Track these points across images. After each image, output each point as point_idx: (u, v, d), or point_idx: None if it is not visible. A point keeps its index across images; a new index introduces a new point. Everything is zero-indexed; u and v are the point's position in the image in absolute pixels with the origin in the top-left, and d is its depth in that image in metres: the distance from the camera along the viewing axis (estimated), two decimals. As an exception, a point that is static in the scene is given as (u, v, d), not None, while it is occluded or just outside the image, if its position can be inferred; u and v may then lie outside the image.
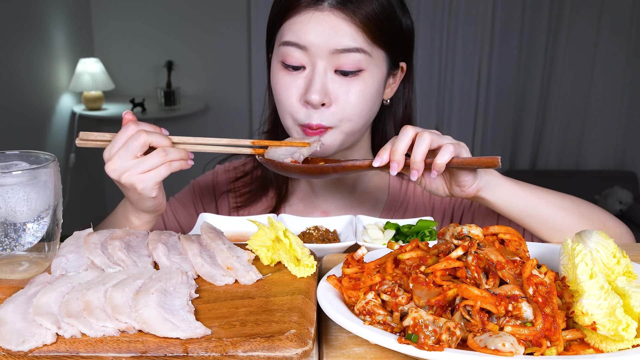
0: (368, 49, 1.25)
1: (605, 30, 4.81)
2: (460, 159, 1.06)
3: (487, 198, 1.17)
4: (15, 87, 3.84)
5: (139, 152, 1.07)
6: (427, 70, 4.94)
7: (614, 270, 0.83)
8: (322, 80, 1.23)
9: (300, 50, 1.24)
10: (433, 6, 4.80)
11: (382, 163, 1.08)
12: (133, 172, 1.07)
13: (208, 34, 5.03)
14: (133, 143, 1.06)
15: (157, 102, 4.87)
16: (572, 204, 1.22)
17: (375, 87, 1.28)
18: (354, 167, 1.12)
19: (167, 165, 1.08)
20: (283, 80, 1.28)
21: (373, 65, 1.27)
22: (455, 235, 0.84)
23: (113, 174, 1.08)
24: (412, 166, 1.07)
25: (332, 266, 1.01)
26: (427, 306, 0.76)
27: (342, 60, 1.23)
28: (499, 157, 1.04)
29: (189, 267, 0.92)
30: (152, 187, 1.09)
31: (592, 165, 5.11)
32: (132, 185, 1.08)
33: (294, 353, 0.71)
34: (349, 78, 1.25)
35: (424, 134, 1.07)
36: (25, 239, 0.90)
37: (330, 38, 1.22)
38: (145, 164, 1.07)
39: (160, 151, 1.07)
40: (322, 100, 1.23)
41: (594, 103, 5.00)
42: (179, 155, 1.09)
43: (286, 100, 1.28)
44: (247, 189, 1.51)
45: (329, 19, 1.22)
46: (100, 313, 0.75)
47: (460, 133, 5.02)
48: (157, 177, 1.08)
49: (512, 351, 0.68)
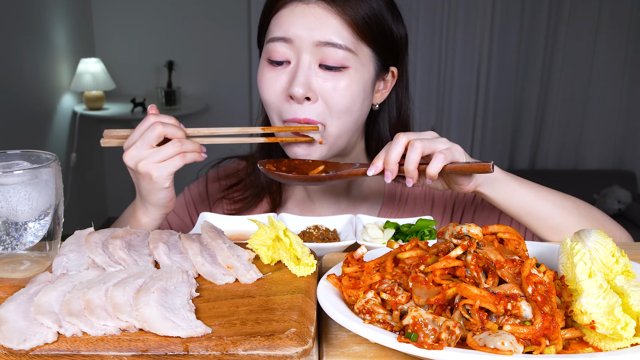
0: (353, 45, 1.23)
1: (603, 30, 4.81)
2: (452, 166, 1.08)
3: (486, 193, 1.18)
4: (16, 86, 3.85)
5: (155, 142, 1.14)
6: (426, 71, 4.95)
7: (612, 269, 0.83)
8: (306, 74, 1.22)
9: (286, 44, 1.24)
10: (432, 6, 4.80)
11: (376, 171, 1.12)
12: (149, 161, 1.13)
13: (209, 34, 5.03)
14: (149, 134, 1.13)
15: (158, 101, 4.88)
16: (572, 204, 1.22)
17: (361, 85, 1.26)
18: (350, 174, 1.16)
19: (181, 156, 1.14)
20: (267, 76, 1.27)
21: (359, 63, 1.25)
22: (454, 235, 0.84)
23: (130, 162, 1.14)
24: (405, 174, 1.09)
25: (332, 265, 1.01)
26: (426, 305, 0.76)
27: (327, 54, 1.22)
28: (490, 163, 1.05)
29: (190, 266, 0.92)
30: (166, 176, 1.14)
31: (591, 165, 5.11)
32: (148, 173, 1.14)
33: (294, 352, 0.71)
34: (333, 73, 1.23)
35: (415, 142, 1.08)
36: (26, 238, 0.91)
37: (314, 30, 1.21)
38: (160, 153, 1.13)
39: (176, 142, 1.13)
40: (305, 94, 1.22)
41: (592, 103, 5.00)
42: (192, 147, 1.15)
43: (270, 95, 1.27)
44: (240, 196, 1.50)
45: (314, 11, 1.22)
46: (101, 312, 0.76)
47: (459, 133, 5.02)
48: (172, 167, 1.14)
49: (511, 350, 0.68)
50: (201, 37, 5.04)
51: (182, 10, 4.99)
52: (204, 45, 5.06)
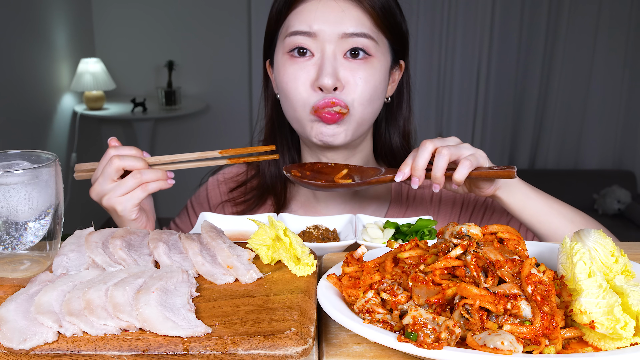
0: (374, 34, 1.27)
1: (603, 30, 4.81)
2: (477, 172, 1.10)
3: (503, 198, 1.20)
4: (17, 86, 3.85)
5: (115, 176, 1.14)
6: (426, 71, 4.95)
7: (612, 268, 0.83)
8: (333, 64, 1.24)
9: (309, 38, 1.25)
10: (432, 6, 4.80)
11: (404, 178, 1.13)
12: (111, 196, 1.14)
13: (209, 34, 5.03)
14: (108, 169, 1.14)
15: (158, 101, 4.88)
16: (582, 219, 1.23)
17: (382, 74, 1.29)
18: (379, 181, 1.17)
19: (142, 187, 1.14)
20: (291, 69, 1.27)
21: (379, 53, 1.28)
22: (454, 234, 0.84)
23: (95, 197, 1.17)
24: (433, 181, 1.12)
25: (331, 265, 1.02)
26: (426, 305, 0.76)
27: (351, 44, 1.25)
28: (514, 169, 1.08)
29: (190, 265, 0.92)
30: (130, 209, 1.15)
31: (591, 165, 5.11)
32: (112, 208, 1.16)
33: (294, 351, 0.71)
34: (358, 62, 1.25)
35: (442, 150, 1.10)
36: (26, 238, 0.91)
37: (339, 22, 1.24)
38: (121, 187, 1.14)
39: (135, 174, 1.14)
40: (334, 84, 1.23)
41: (592, 102, 5.00)
42: (154, 176, 1.15)
43: (296, 89, 1.26)
44: (243, 198, 1.49)
45: (338, 4, 1.24)
46: (101, 312, 0.76)
47: (459, 133, 5.02)
48: (135, 199, 1.14)
49: (510, 349, 0.68)
50: (201, 37, 5.04)
51: (183, 10, 4.99)
52: (204, 45, 5.06)
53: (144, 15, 5.01)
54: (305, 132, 1.31)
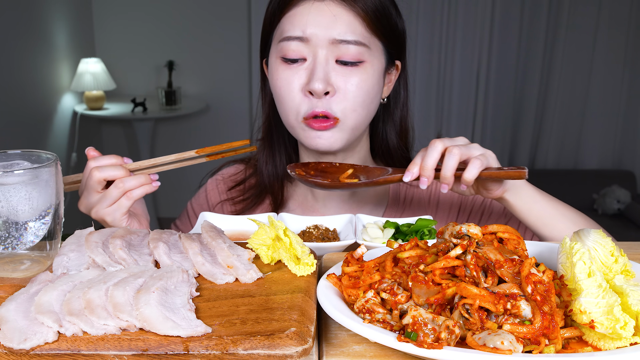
0: (367, 39, 1.25)
1: (603, 30, 4.81)
2: (488, 172, 1.09)
3: (510, 200, 1.19)
4: (17, 86, 3.85)
5: (98, 188, 1.15)
6: (426, 70, 4.95)
7: (612, 268, 0.84)
8: (325, 69, 1.23)
9: (301, 43, 1.24)
10: (432, 6, 4.80)
11: (412, 178, 1.11)
12: (99, 208, 1.15)
13: (209, 34, 5.03)
14: (90, 182, 1.15)
15: (158, 101, 4.88)
16: (585, 222, 1.23)
17: (375, 78, 1.28)
18: (386, 181, 1.15)
19: (126, 196, 1.15)
20: (284, 74, 1.27)
21: (373, 57, 1.27)
22: (454, 234, 0.85)
23: (84, 211, 1.18)
24: (442, 180, 1.10)
25: (331, 265, 1.02)
26: (426, 304, 0.76)
27: (343, 50, 1.23)
28: (526, 170, 1.06)
29: (190, 265, 0.92)
30: (119, 218, 1.16)
31: (591, 165, 5.11)
32: (102, 219, 1.17)
33: (294, 351, 0.71)
34: (350, 68, 1.25)
35: (453, 149, 1.08)
36: (26, 238, 0.91)
37: (330, 27, 1.22)
38: (106, 199, 1.14)
39: (118, 183, 1.14)
40: (325, 89, 1.23)
41: (592, 102, 5.00)
42: (137, 182, 1.15)
43: (288, 93, 1.27)
44: (241, 197, 1.50)
45: (330, 8, 1.23)
46: (101, 311, 0.76)
47: (459, 132, 5.02)
48: (122, 208, 1.15)
49: (510, 349, 0.68)
50: (201, 37, 5.04)
51: (183, 10, 4.99)
52: (204, 45, 5.06)
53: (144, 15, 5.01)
54: (299, 137, 1.32)
